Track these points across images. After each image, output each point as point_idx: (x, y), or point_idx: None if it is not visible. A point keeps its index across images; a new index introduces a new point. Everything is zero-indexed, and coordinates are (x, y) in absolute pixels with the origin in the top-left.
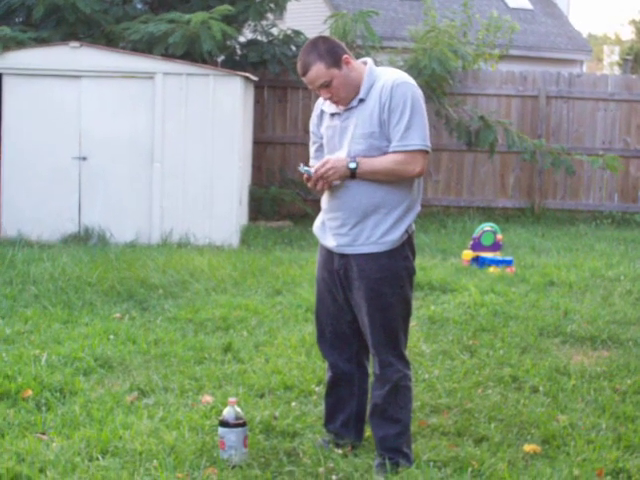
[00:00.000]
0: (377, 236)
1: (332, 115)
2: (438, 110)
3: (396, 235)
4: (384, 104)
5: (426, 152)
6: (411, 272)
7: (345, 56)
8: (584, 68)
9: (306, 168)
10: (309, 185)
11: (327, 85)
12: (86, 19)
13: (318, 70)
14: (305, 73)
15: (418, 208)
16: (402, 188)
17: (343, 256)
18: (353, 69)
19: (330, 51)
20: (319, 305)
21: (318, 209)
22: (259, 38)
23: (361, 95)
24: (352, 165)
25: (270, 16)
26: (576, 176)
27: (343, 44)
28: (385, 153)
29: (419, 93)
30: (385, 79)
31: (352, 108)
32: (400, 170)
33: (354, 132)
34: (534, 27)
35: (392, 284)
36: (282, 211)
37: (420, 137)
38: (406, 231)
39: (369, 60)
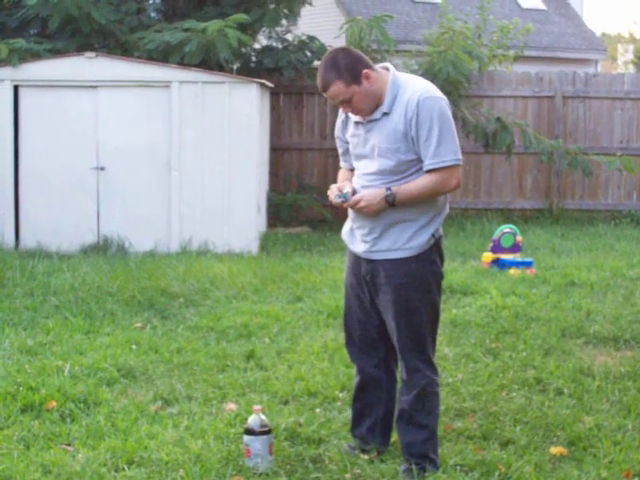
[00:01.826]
0: (403, 241)
1: (356, 123)
2: (454, 113)
3: (422, 240)
4: (410, 119)
5: (459, 165)
6: (438, 277)
7: (365, 71)
8: (599, 67)
9: (342, 193)
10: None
11: (348, 101)
12: (101, 29)
13: (338, 88)
14: (325, 90)
15: (446, 211)
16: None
17: (370, 261)
18: (374, 82)
19: (349, 67)
20: (347, 310)
21: (336, 214)
22: (274, 44)
23: (385, 109)
24: (390, 198)
25: (284, 22)
26: (594, 176)
27: (363, 56)
28: (412, 166)
29: (446, 104)
30: (411, 92)
31: (376, 120)
32: (437, 189)
33: (380, 146)
34: (548, 27)
35: (419, 289)
36: (300, 217)
37: (452, 151)
38: (432, 235)
39: (391, 67)
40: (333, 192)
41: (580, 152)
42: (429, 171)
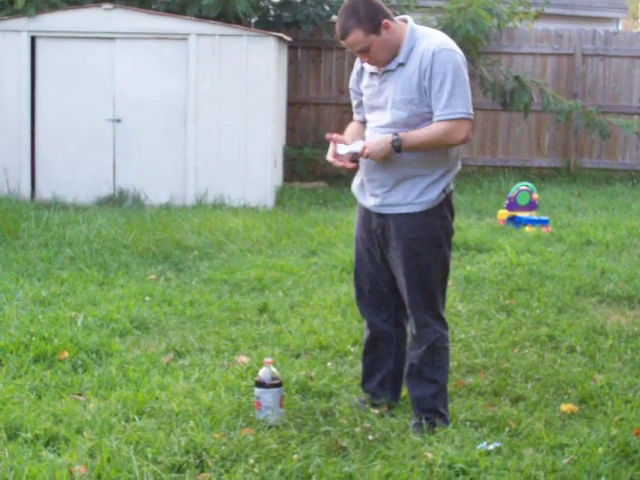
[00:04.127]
0: (414, 196)
1: (371, 74)
2: (472, 71)
3: (433, 195)
4: (424, 71)
5: (470, 120)
6: (449, 232)
7: (385, 21)
8: (620, 26)
9: (348, 150)
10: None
11: (365, 50)
12: None
13: (357, 37)
14: (344, 37)
15: (457, 168)
16: (441, 151)
17: (381, 216)
18: (393, 32)
19: (370, 16)
20: (358, 264)
21: (352, 170)
22: None
23: (400, 59)
24: (396, 143)
25: None
26: (612, 135)
27: (383, 5)
28: (426, 119)
29: (461, 59)
30: (427, 44)
31: (391, 71)
32: (444, 139)
33: (394, 98)
34: None
35: (429, 244)
36: (316, 172)
37: (463, 105)
38: (443, 190)
39: (409, 19)
40: (330, 154)
41: (598, 113)
42: (439, 122)
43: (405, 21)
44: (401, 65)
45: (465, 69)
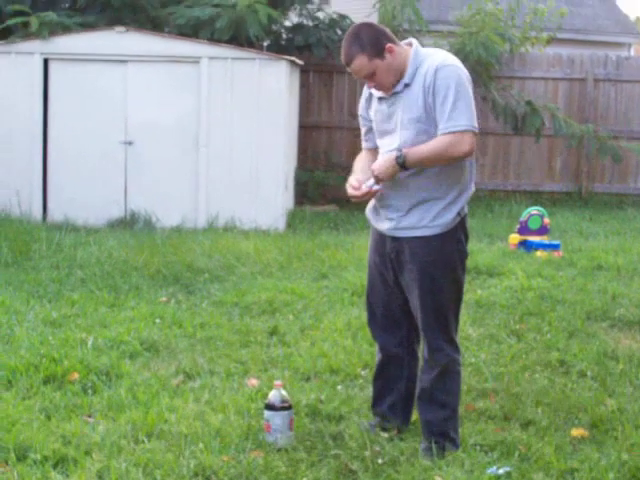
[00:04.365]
0: (429, 219)
1: (380, 99)
2: (484, 95)
3: (448, 218)
4: (428, 87)
5: (474, 133)
6: (463, 255)
7: (388, 45)
8: (632, 51)
9: (366, 186)
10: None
11: (371, 75)
12: (131, 4)
13: (361, 62)
14: (349, 63)
15: (471, 190)
16: (453, 172)
17: (395, 239)
18: (397, 56)
19: (373, 41)
20: (370, 288)
21: (369, 198)
22: (305, 22)
23: (406, 80)
24: (400, 160)
25: (316, 0)
26: (624, 160)
27: (387, 30)
28: (433, 138)
29: (464, 74)
30: (430, 62)
31: (398, 93)
32: (448, 152)
33: (402, 117)
34: (581, 10)
35: (444, 267)
36: (328, 195)
37: (466, 118)
38: (458, 214)
39: (414, 41)
40: (351, 188)
41: (609, 138)
42: (442, 135)
43: (410, 44)
44: (407, 86)
45: (469, 84)
